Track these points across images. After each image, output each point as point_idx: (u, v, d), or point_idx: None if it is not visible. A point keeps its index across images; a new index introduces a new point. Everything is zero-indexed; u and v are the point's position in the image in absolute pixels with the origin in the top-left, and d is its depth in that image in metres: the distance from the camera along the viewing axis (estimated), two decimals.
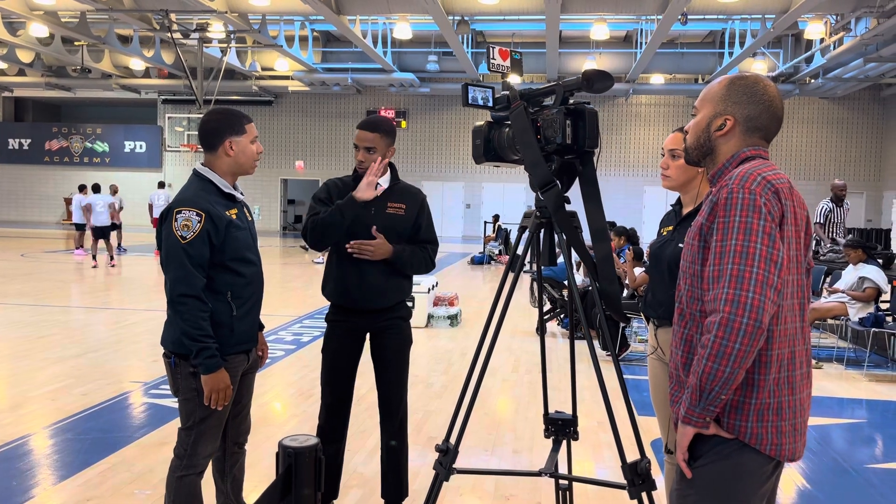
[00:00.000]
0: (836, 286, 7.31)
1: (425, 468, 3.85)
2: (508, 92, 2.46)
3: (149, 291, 11.04)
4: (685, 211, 2.76)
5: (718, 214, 1.75)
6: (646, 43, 18.12)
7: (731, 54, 18.93)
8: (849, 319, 6.98)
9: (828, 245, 9.00)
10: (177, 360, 2.63)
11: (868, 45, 16.32)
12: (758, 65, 20.49)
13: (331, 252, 3.19)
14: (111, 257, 14.50)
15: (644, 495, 2.32)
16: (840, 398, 5.92)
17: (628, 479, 2.30)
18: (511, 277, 2.50)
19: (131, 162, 27.70)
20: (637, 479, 2.30)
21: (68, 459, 4.03)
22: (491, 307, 2.57)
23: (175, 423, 3.11)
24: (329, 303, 3.23)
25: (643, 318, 3.72)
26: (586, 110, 2.33)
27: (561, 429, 2.80)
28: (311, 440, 1.69)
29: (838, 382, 6.39)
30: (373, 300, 3.11)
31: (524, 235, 2.53)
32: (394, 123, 3.26)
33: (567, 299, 7.04)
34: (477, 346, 2.52)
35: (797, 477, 4.11)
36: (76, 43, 19.95)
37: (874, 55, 16.95)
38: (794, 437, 1.78)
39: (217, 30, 18.09)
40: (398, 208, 3.14)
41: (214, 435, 2.69)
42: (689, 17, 16.02)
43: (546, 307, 8.48)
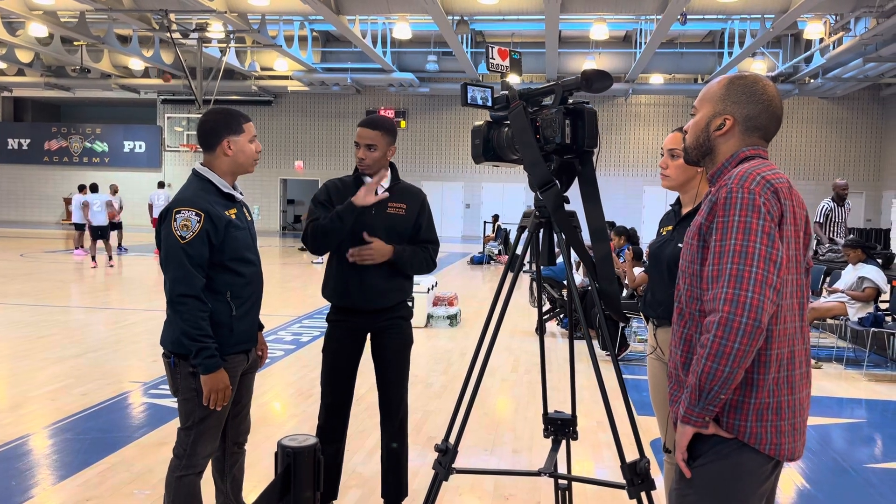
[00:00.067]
0: (836, 286, 7.32)
1: (425, 468, 3.86)
2: (507, 92, 2.46)
3: (148, 291, 11.03)
4: (684, 211, 2.76)
5: (718, 214, 1.75)
6: (645, 43, 18.12)
7: (731, 54, 18.94)
8: (848, 319, 6.98)
9: (826, 245, 9.00)
10: (176, 360, 2.63)
11: (867, 45, 16.32)
12: (757, 65, 20.49)
13: (331, 254, 3.18)
14: (109, 257, 14.49)
15: (643, 495, 2.32)
16: (839, 398, 5.92)
17: (627, 479, 2.31)
18: (510, 277, 2.50)
19: (131, 162, 27.71)
20: (636, 479, 2.30)
21: (68, 459, 4.03)
22: (490, 307, 2.57)
23: (174, 423, 3.12)
24: (329, 304, 3.23)
25: (642, 318, 3.72)
26: (585, 110, 2.33)
27: (560, 428, 2.80)
28: (310, 440, 1.69)
29: (838, 382, 6.39)
30: (373, 301, 3.11)
31: (523, 235, 2.54)
32: (394, 123, 3.26)
33: (566, 299, 7.04)
34: (476, 346, 2.52)
35: (796, 476, 4.11)
36: (75, 43, 19.95)
37: (873, 55, 16.96)
38: (794, 437, 1.78)
39: (216, 30, 18.08)
40: (399, 208, 3.13)
41: (214, 435, 2.69)
42: (689, 17, 16.04)
43: (545, 307, 8.48)
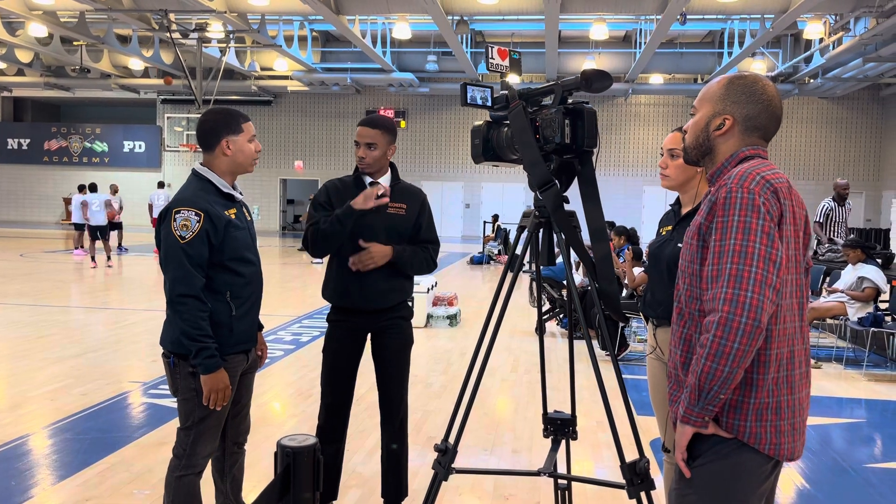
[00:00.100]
0: (836, 286, 7.32)
1: (424, 468, 3.86)
2: (507, 91, 2.46)
3: (148, 291, 11.03)
4: (684, 210, 2.76)
5: (717, 214, 1.75)
6: (645, 43, 18.12)
7: (731, 54, 18.94)
8: (848, 319, 6.98)
9: (825, 245, 8.99)
10: (176, 360, 2.62)
11: (867, 45, 16.32)
12: (757, 65, 20.50)
13: (331, 256, 3.18)
14: (108, 257, 14.48)
15: (643, 495, 2.32)
16: (839, 398, 5.92)
17: (627, 479, 2.31)
18: (510, 277, 2.50)
19: (130, 162, 27.71)
20: (636, 479, 2.30)
21: (67, 459, 4.03)
22: (490, 307, 2.57)
23: (174, 423, 3.11)
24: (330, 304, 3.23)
25: (642, 318, 3.72)
26: (585, 110, 2.33)
27: (560, 428, 2.80)
28: (310, 440, 1.69)
29: (837, 382, 6.40)
30: (374, 301, 3.10)
31: (523, 235, 2.53)
32: (394, 122, 3.26)
33: (566, 299, 7.04)
34: (476, 346, 2.52)
35: (796, 476, 4.11)
36: (75, 43, 19.95)
37: (873, 55, 16.96)
38: (793, 437, 1.78)
39: (216, 30, 18.08)
40: (399, 208, 3.12)
41: (213, 435, 2.69)
42: (689, 17, 16.04)
43: (545, 307, 8.48)
